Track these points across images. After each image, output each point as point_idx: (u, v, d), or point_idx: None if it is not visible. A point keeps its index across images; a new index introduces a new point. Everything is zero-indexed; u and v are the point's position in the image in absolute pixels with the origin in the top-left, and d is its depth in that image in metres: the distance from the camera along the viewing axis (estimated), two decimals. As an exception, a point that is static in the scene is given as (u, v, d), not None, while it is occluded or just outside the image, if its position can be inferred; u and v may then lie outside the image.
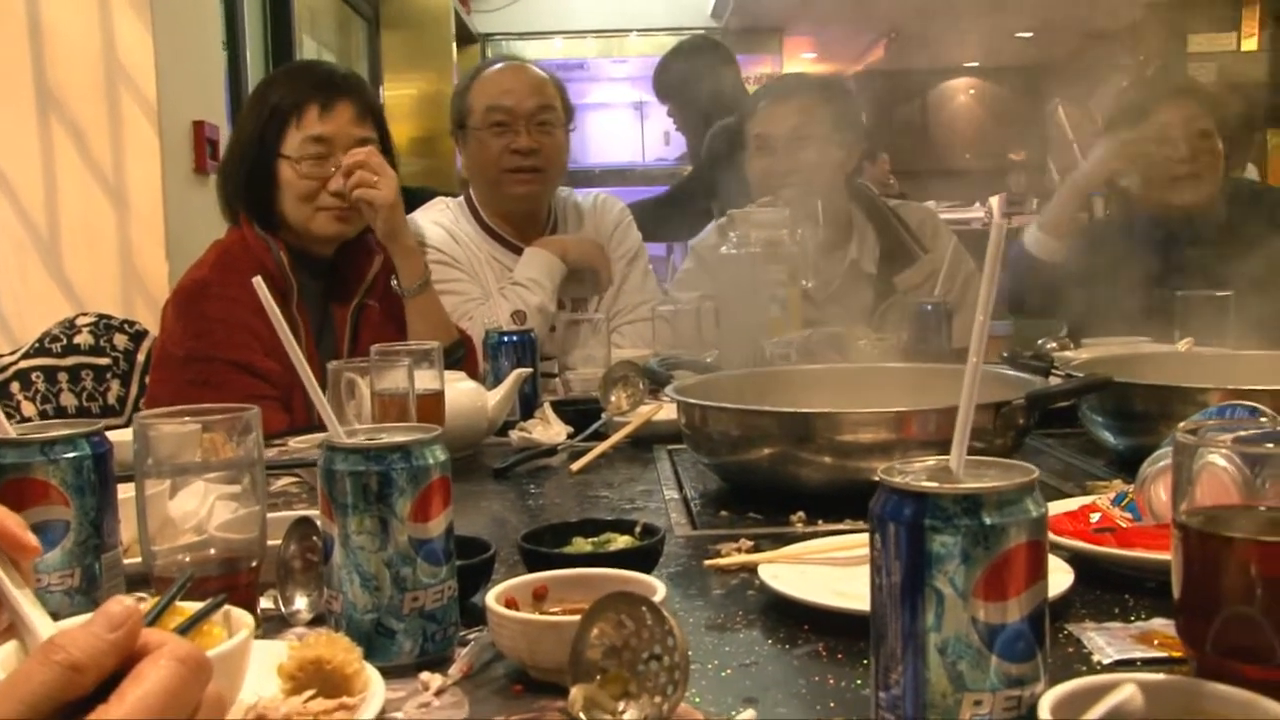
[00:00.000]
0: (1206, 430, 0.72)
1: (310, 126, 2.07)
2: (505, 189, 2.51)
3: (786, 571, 1.01)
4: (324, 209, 2.09)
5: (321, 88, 2.10)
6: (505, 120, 2.48)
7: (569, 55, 7.82)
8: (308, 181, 2.07)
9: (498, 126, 2.48)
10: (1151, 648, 0.83)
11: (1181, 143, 2.50)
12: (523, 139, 2.47)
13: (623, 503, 1.42)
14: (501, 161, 2.48)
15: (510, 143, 2.47)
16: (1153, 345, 2.05)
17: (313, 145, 2.07)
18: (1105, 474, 1.44)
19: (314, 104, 2.08)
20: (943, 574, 0.63)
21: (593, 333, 2.22)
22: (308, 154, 2.07)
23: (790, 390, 1.62)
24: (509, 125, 2.48)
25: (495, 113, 2.48)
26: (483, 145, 2.50)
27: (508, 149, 2.47)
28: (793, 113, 2.55)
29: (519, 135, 2.47)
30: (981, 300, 0.68)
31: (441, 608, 0.87)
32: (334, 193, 2.07)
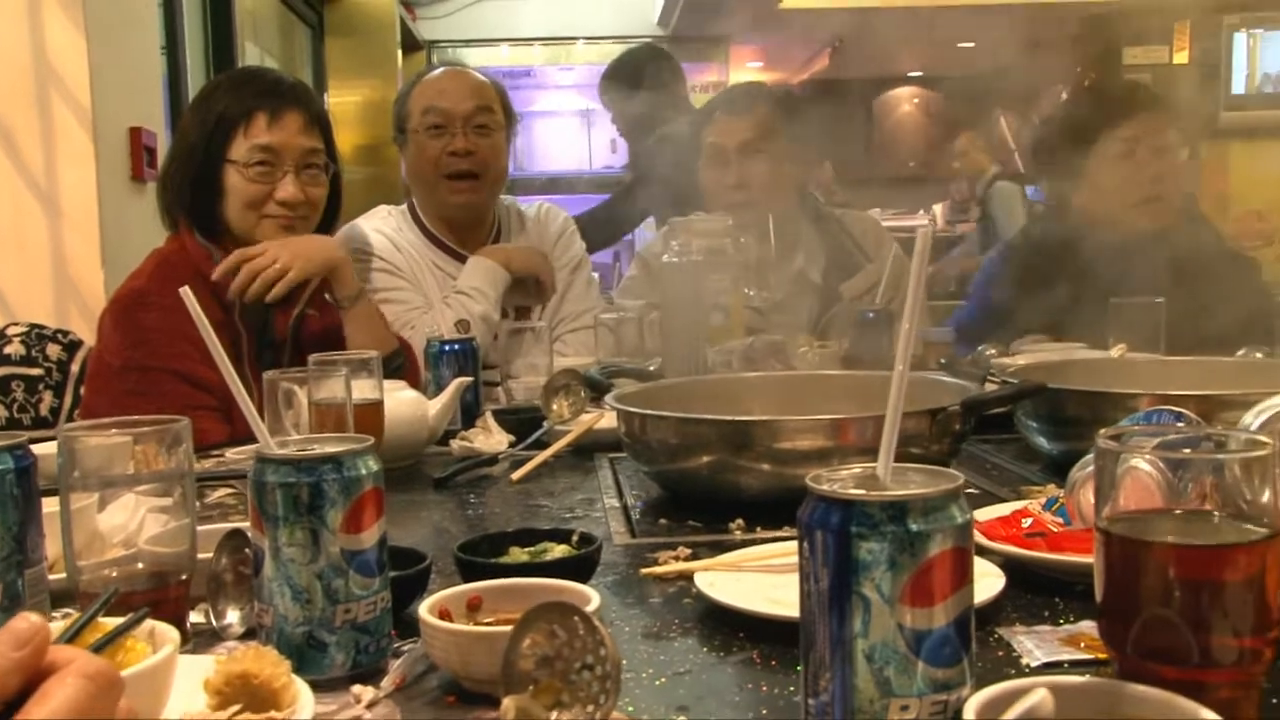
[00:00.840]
0: (1130, 436, 0.74)
1: (258, 135, 2.06)
2: (443, 197, 2.50)
3: (722, 579, 1.01)
4: (270, 217, 2.07)
5: (270, 96, 2.09)
6: (442, 122, 2.46)
7: (515, 63, 7.80)
8: (255, 188, 2.05)
9: (435, 129, 2.46)
10: (1078, 650, 0.85)
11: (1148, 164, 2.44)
12: (459, 141, 2.45)
13: (563, 511, 1.42)
14: (439, 164, 2.46)
15: (447, 145, 2.45)
16: (1087, 351, 2.08)
17: (260, 153, 2.05)
18: (1040, 479, 1.46)
19: (262, 112, 2.06)
20: (869, 581, 0.63)
21: (535, 341, 2.21)
22: (255, 161, 2.05)
23: (731, 398, 1.63)
24: (445, 127, 2.46)
25: (432, 115, 2.46)
26: (421, 148, 2.48)
27: (444, 151, 2.45)
28: (748, 124, 2.56)
29: (455, 137, 2.46)
30: (908, 308, 0.68)
31: (374, 619, 0.87)
32: (281, 201, 2.06)
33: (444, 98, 2.47)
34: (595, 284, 2.80)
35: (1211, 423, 1.25)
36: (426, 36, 7.30)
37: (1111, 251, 2.50)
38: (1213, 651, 0.65)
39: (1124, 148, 2.43)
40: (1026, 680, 0.60)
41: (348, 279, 2.12)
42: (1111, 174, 2.46)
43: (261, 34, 5.28)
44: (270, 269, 2.01)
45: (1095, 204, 2.52)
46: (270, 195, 2.06)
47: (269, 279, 2.01)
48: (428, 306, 2.42)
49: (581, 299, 2.66)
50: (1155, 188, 2.43)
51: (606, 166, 7.66)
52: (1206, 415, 1.28)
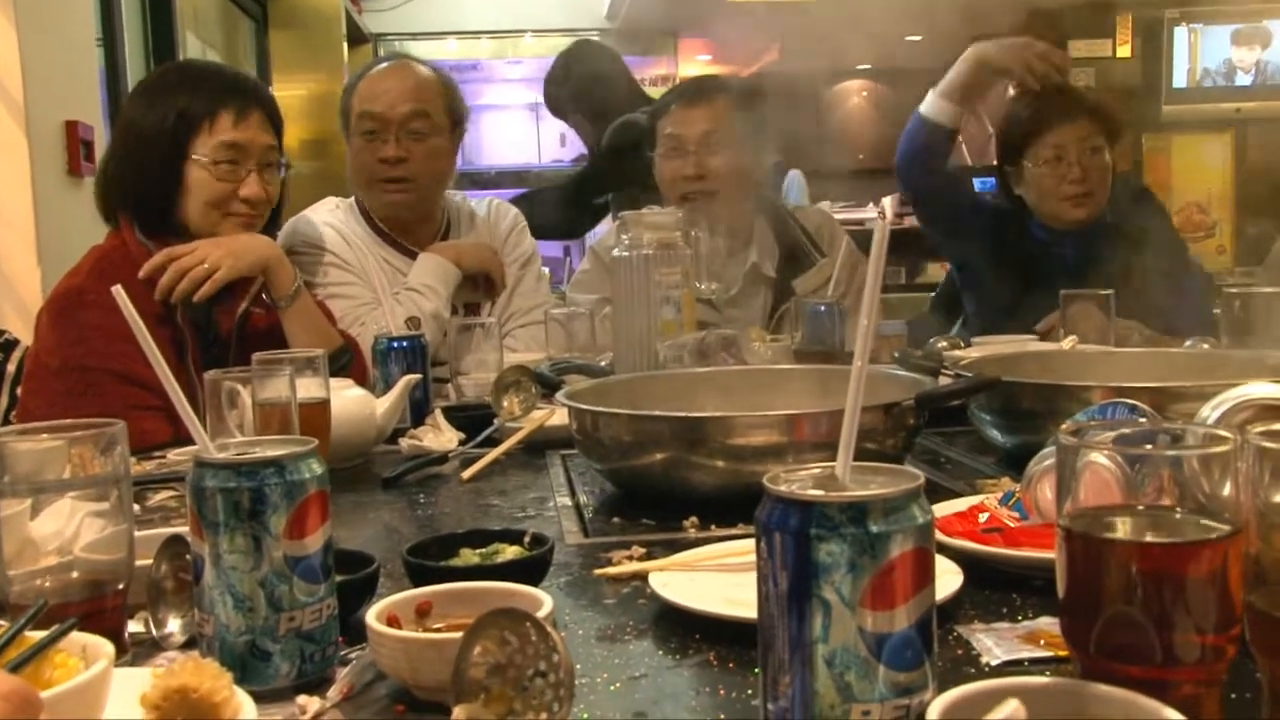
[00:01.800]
0: (1090, 431, 0.73)
1: (224, 133, 2.02)
2: (378, 197, 2.47)
3: (677, 579, 0.99)
4: (233, 215, 2.05)
5: (235, 93, 2.06)
6: (375, 128, 2.42)
7: (463, 56, 7.73)
8: (222, 185, 2.03)
9: (368, 135, 2.42)
10: (1038, 647, 0.84)
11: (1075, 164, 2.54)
12: (390, 148, 2.41)
13: (514, 511, 1.40)
14: (373, 170, 2.43)
15: (379, 151, 2.42)
16: (1039, 344, 2.09)
17: (227, 151, 2.02)
18: (994, 472, 1.46)
19: (229, 110, 2.03)
20: (829, 584, 0.62)
21: (485, 337, 2.18)
22: (222, 159, 2.02)
23: (684, 394, 1.61)
24: (378, 134, 2.42)
25: (366, 120, 2.42)
26: (356, 152, 2.46)
27: (376, 158, 2.42)
28: (705, 117, 2.55)
29: (387, 144, 2.41)
30: (865, 304, 0.67)
31: (320, 627, 0.84)
32: (245, 199, 2.04)
33: (377, 101, 2.42)
34: (545, 279, 2.77)
35: (1164, 414, 1.25)
36: (373, 29, 7.21)
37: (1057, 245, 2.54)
38: (1176, 650, 0.65)
39: (1053, 151, 2.55)
40: (990, 683, 0.59)
41: (284, 277, 2.07)
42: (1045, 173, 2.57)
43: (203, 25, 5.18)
44: (198, 268, 1.97)
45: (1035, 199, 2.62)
46: (234, 193, 2.04)
47: (197, 278, 1.96)
48: (377, 302, 2.38)
49: (532, 294, 2.63)
50: (1084, 186, 2.55)
51: (556, 160, 7.62)
52: (1159, 407, 1.29)
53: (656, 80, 7.76)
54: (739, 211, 2.57)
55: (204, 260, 1.97)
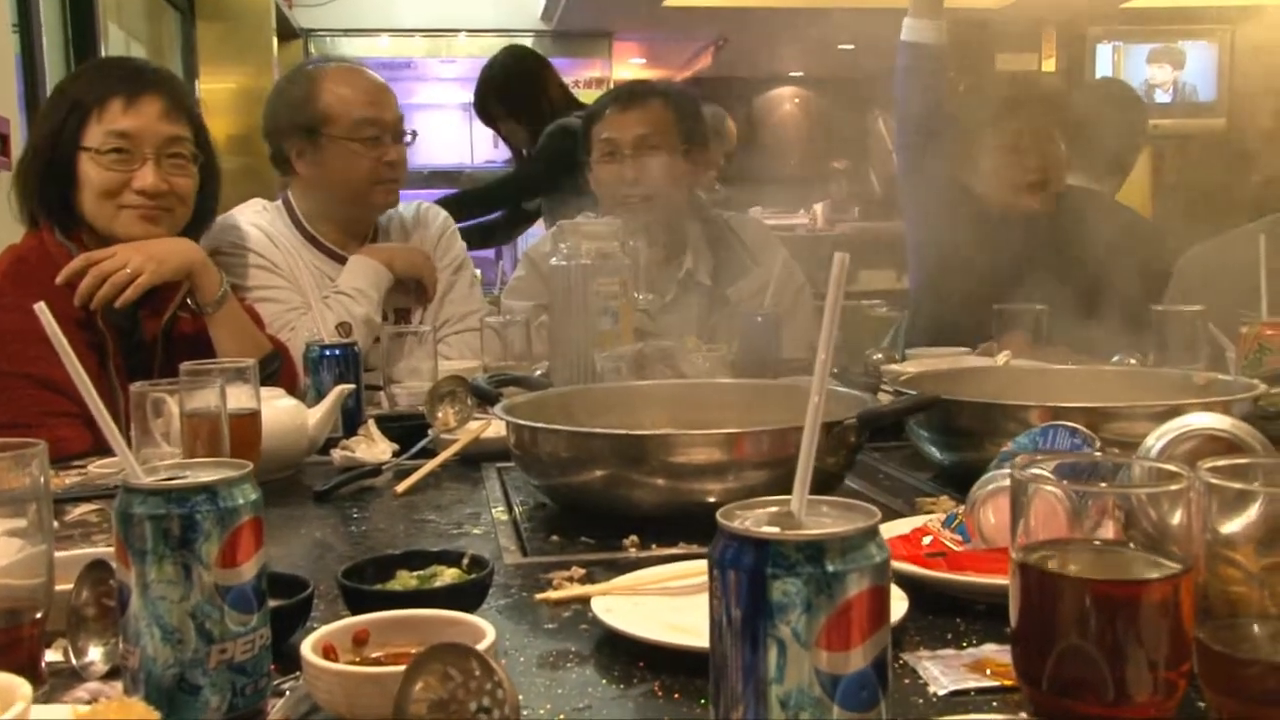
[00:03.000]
0: (1039, 464, 0.72)
1: (113, 120, 1.95)
2: (373, 199, 2.43)
3: (620, 604, 0.98)
4: (129, 208, 1.96)
5: (127, 81, 1.98)
6: (378, 134, 2.39)
7: (395, 54, 7.63)
8: (110, 176, 1.94)
9: (371, 140, 2.38)
10: (984, 677, 0.83)
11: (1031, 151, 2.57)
12: (392, 152, 2.40)
13: (450, 527, 1.37)
14: (374, 174, 2.39)
15: (382, 155, 2.39)
16: (975, 359, 2.11)
17: (115, 140, 1.94)
18: (933, 489, 1.46)
19: (118, 97, 1.95)
20: (785, 623, 0.60)
21: (419, 344, 2.14)
22: (110, 148, 1.94)
23: (622, 407, 1.60)
24: (379, 138, 2.39)
25: (369, 126, 2.38)
26: (353, 157, 2.38)
27: (380, 161, 2.39)
28: (641, 120, 2.53)
29: (388, 148, 2.40)
30: (823, 339, 0.66)
31: (253, 659, 0.81)
32: (139, 190, 1.95)
33: (377, 108, 2.40)
34: (478, 285, 2.74)
35: (1099, 433, 1.26)
36: (303, 24, 7.09)
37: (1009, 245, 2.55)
38: (1128, 686, 0.65)
39: (1012, 139, 2.58)
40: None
41: (209, 282, 2.02)
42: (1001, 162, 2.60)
43: (126, 16, 5.04)
44: (120, 273, 1.90)
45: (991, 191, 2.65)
46: (128, 184, 1.95)
47: (118, 283, 1.90)
48: (307, 307, 2.33)
49: (465, 300, 2.60)
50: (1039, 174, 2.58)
51: (489, 161, 7.56)
52: (1094, 426, 1.30)
53: (591, 82, 7.74)
54: (675, 217, 2.56)
55: (125, 265, 1.91)
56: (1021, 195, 2.59)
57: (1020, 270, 2.24)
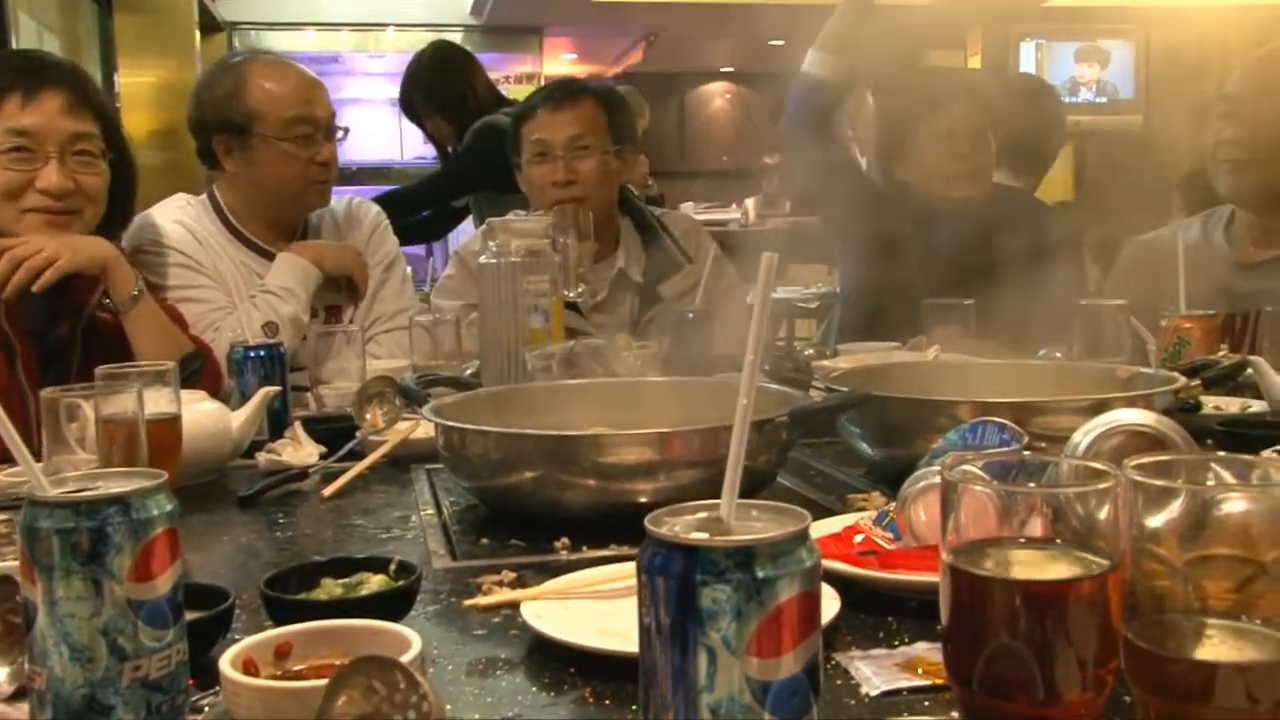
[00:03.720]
0: (964, 464, 0.72)
1: (11, 117, 1.87)
2: (307, 199, 2.39)
3: (550, 609, 0.96)
4: (33, 210, 1.89)
5: (24, 75, 1.90)
6: (311, 131, 2.34)
7: (322, 48, 7.53)
8: (11, 175, 1.87)
9: (303, 139, 2.33)
10: (916, 676, 0.83)
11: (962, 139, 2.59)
12: (325, 151, 2.36)
13: (378, 531, 1.34)
14: (306, 174, 2.34)
15: (315, 155, 2.34)
16: (905, 354, 2.12)
17: (14, 138, 1.87)
18: (864, 485, 1.47)
19: (15, 93, 1.88)
20: (715, 631, 0.59)
21: (347, 344, 2.11)
22: (8, 147, 1.87)
23: (552, 407, 1.58)
24: (312, 137, 2.34)
25: (301, 124, 2.33)
26: (286, 157, 2.32)
27: (313, 161, 2.34)
28: (572, 121, 2.51)
29: (321, 147, 2.35)
30: (751, 341, 0.65)
31: (168, 675, 0.78)
32: (43, 190, 1.88)
33: (310, 106, 2.35)
34: (410, 282, 2.70)
35: (1027, 428, 1.27)
36: (227, 17, 6.96)
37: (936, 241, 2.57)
38: (1058, 685, 0.65)
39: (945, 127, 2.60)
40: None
41: (122, 280, 1.96)
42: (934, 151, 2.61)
43: (38, 7, 4.90)
44: (36, 256, 1.83)
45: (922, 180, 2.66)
46: (30, 185, 1.88)
47: (35, 267, 1.82)
48: (232, 306, 2.28)
49: (396, 298, 2.56)
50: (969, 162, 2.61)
51: (419, 157, 7.49)
52: (1022, 420, 1.31)
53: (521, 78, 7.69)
54: (605, 216, 2.55)
55: (41, 249, 1.84)
56: (953, 185, 2.60)
57: (943, 267, 2.25)
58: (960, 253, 2.36)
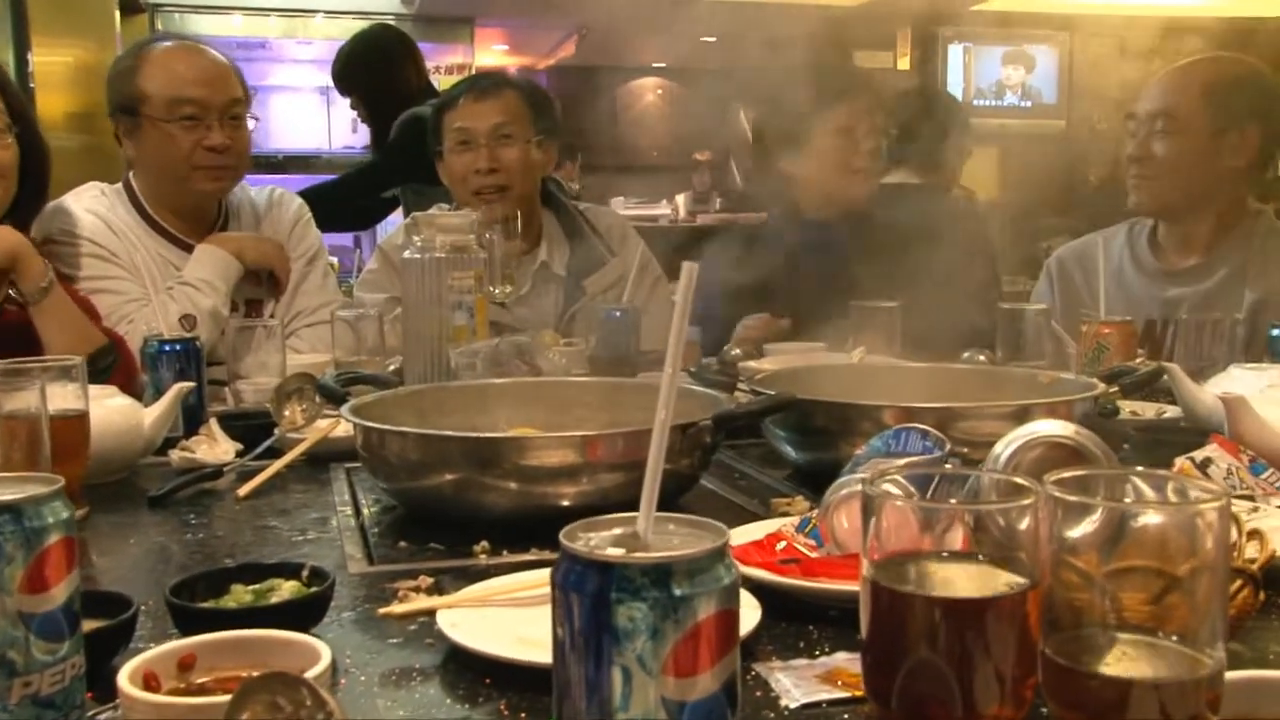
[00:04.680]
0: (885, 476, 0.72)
1: None
2: (194, 185, 2.31)
3: (467, 617, 0.94)
4: None
5: None
6: (197, 114, 2.27)
7: (249, 33, 7.37)
8: None
9: (188, 120, 2.26)
10: (836, 688, 0.83)
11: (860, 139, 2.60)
12: (216, 135, 2.28)
13: (294, 533, 1.31)
14: (193, 158, 2.27)
15: (203, 139, 2.27)
16: (830, 355, 2.12)
17: None
18: (788, 488, 1.46)
19: None
20: (630, 650, 0.58)
21: (267, 338, 2.06)
22: None
23: (476, 406, 1.56)
24: (201, 120, 2.27)
25: (185, 105, 2.26)
26: (170, 140, 2.26)
27: (200, 145, 2.27)
28: (496, 110, 2.48)
29: (212, 131, 2.27)
30: (670, 353, 0.63)
31: (62, 690, 0.75)
32: None
33: (197, 87, 2.27)
34: (333, 275, 2.66)
35: (950, 433, 1.28)
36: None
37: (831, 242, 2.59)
38: (977, 702, 0.64)
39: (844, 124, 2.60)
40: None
41: (31, 270, 1.89)
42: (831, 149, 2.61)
43: (-56, -17, 4.73)
44: None
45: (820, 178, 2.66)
46: None
47: None
48: (147, 299, 2.22)
49: (318, 292, 2.51)
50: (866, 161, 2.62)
51: (347, 146, 7.38)
52: (944, 426, 1.32)
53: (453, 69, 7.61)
54: (529, 210, 2.52)
55: None
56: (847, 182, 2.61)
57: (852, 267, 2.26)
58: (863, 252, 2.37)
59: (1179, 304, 2.36)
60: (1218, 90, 2.34)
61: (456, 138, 2.49)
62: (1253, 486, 1.29)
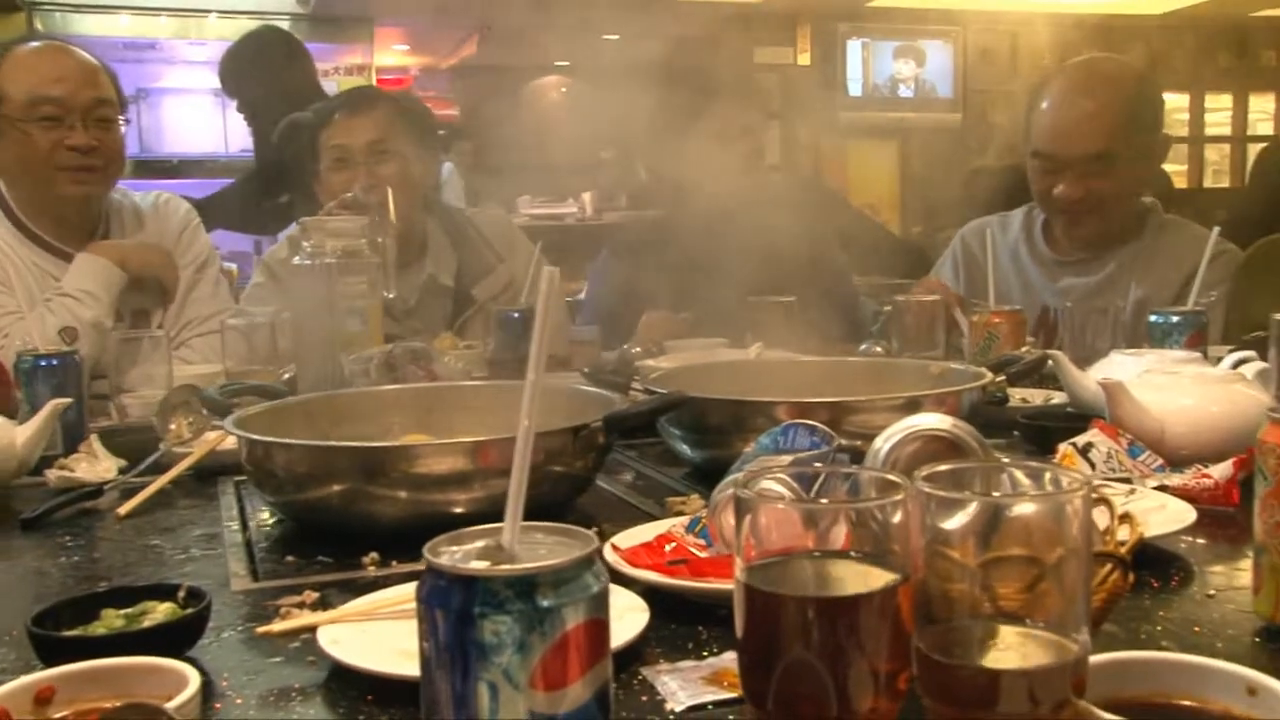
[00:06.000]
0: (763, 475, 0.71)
1: None
2: (58, 187, 2.23)
3: (349, 633, 0.92)
4: None
5: None
6: (57, 114, 2.19)
7: (137, 34, 7.16)
8: None
9: (47, 121, 2.18)
10: (722, 689, 0.82)
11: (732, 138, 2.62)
12: (79, 136, 2.20)
13: (177, 552, 1.27)
14: (54, 159, 2.20)
15: (64, 139, 2.19)
16: (729, 351, 2.13)
17: None
18: (684, 487, 1.46)
19: None
20: (496, 665, 0.57)
21: (153, 350, 2.00)
22: None
23: (368, 414, 1.53)
24: (61, 120, 2.19)
25: (44, 104, 2.18)
26: (28, 140, 2.19)
27: (61, 145, 2.19)
28: (372, 126, 2.44)
29: (74, 131, 2.20)
30: (532, 359, 0.62)
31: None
32: None
33: (57, 85, 2.20)
34: (225, 283, 2.60)
35: (842, 428, 1.29)
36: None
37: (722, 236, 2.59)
38: (851, 698, 0.64)
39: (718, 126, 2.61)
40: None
41: None
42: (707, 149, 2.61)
43: None
44: None
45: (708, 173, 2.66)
46: None
47: None
48: (23, 311, 2.14)
49: (209, 300, 2.45)
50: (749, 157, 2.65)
51: (243, 150, 7.19)
52: (836, 420, 1.33)
53: (352, 69, 7.49)
54: (411, 222, 2.48)
55: None
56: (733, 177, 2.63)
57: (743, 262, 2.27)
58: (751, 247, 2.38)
59: (1071, 293, 2.41)
60: (1138, 109, 2.39)
61: (333, 155, 2.45)
62: (1131, 469, 1.32)
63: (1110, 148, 2.33)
